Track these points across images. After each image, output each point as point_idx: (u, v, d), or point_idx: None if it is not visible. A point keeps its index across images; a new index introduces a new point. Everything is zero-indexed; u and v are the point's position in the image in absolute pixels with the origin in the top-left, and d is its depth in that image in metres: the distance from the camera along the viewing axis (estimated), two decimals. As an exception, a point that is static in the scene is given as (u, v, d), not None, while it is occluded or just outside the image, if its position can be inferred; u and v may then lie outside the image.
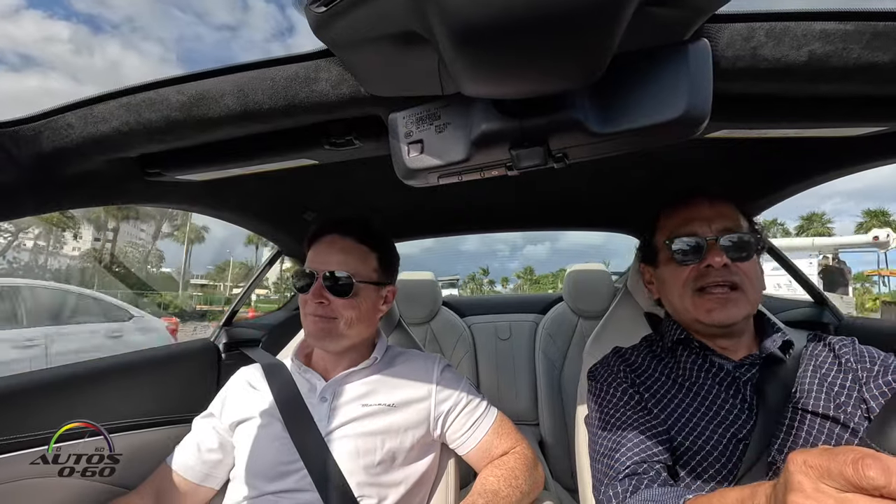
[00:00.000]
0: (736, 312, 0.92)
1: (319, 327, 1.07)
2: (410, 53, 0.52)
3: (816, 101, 0.66)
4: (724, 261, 0.92)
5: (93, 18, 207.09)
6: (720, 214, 0.98)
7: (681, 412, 0.91)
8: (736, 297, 0.93)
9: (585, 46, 0.45)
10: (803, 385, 0.88)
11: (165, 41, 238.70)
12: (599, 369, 1.09)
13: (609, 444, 0.91)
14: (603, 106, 0.57)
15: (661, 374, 1.00)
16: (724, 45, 0.55)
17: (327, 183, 1.29)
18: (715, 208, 0.99)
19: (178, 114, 0.67)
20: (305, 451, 0.99)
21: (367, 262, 1.12)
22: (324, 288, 1.06)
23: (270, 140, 0.76)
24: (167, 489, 1.05)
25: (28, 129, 0.69)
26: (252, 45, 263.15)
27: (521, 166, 0.63)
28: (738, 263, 0.93)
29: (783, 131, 0.74)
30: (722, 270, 0.93)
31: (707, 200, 1.01)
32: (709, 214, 0.98)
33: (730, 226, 0.96)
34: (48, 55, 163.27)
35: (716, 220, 0.97)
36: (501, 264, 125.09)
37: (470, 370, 2.45)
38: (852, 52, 0.54)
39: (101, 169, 0.81)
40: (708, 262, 0.94)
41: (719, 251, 0.93)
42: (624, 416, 0.93)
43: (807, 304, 1.69)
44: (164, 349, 1.49)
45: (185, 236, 54.49)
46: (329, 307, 1.06)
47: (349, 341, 1.11)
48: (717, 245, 0.94)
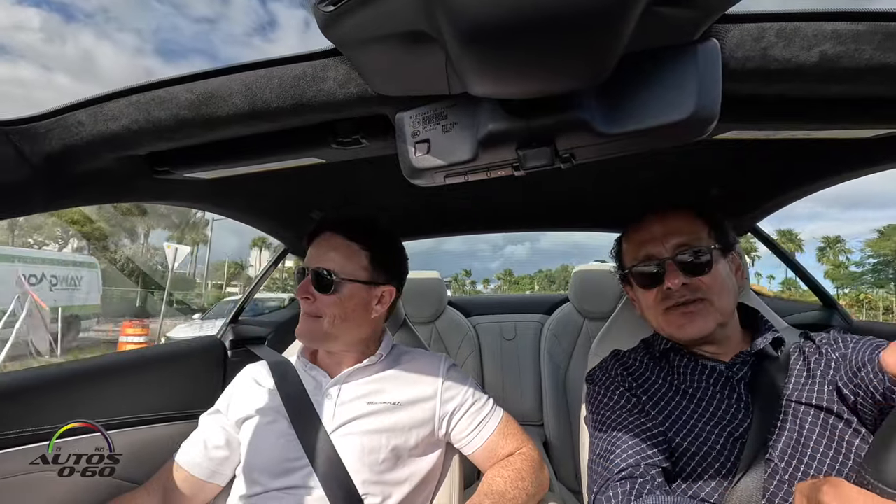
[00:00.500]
0: (704, 325, 0.94)
1: (305, 325, 1.09)
2: (418, 53, 0.52)
3: (827, 102, 0.65)
4: (681, 280, 0.95)
5: (65, 7, 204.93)
6: (672, 231, 0.99)
7: (678, 415, 0.92)
8: (701, 308, 0.94)
9: (593, 46, 0.44)
10: (794, 379, 0.88)
11: (142, 32, 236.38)
12: (597, 373, 1.09)
13: (604, 446, 0.92)
14: (611, 106, 0.57)
15: (657, 377, 1.01)
16: (733, 46, 0.54)
17: (334, 182, 1.30)
18: (666, 225, 1.00)
19: (187, 112, 0.67)
20: (311, 448, 0.99)
21: (354, 259, 1.10)
22: (310, 284, 1.07)
23: (278, 139, 0.77)
24: (174, 485, 1.05)
25: (40, 127, 0.70)
26: (232, 38, 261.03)
27: (527, 166, 0.63)
28: (700, 278, 0.94)
29: (793, 133, 0.74)
30: (682, 290, 0.95)
31: (658, 218, 1.02)
32: (661, 233, 0.99)
33: (684, 241, 0.97)
34: (18, 43, 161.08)
35: (669, 238, 0.98)
36: (483, 264, 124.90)
37: (475, 370, 2.45)
38: (864, 52, 0.53)
39: (111, 166, 0.81)
40: (667, 284, 0.96)
41: (675, 272, 0.95)
42: (619, 418, 0.94)
43: (816, 307, 1.68)
44: (171, 346, 1.50)
45: (209, 242, 56.01)
46: (315, 304, 1.07)
47: (337, 340, 1.11)
48: (673, 265, 0.96)
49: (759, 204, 1.37)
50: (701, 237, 0.97)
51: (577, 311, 2.35)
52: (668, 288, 0.96)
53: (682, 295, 0.95)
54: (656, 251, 0.99)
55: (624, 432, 0.90)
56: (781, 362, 0.91)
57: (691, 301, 0.95)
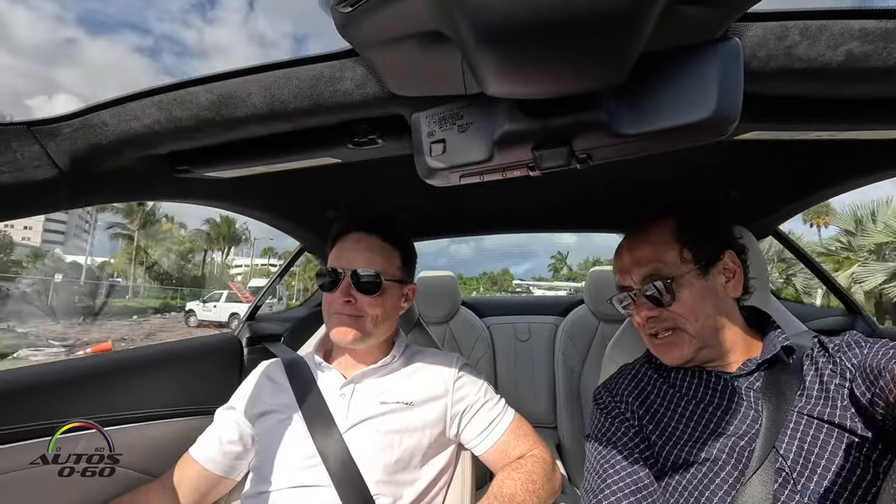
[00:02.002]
0: (679, 353, 0.93)
1: (346, 326, 1.07)
2: (434, 53, 0.52)
3: (855, 102, 0.64)
4: (648, 314, 0.95)
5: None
6: (638, 261, 0.97)
7: (682, 428, 0.90)
8: (674, 339, 0.93)
9: (612, 46, 0.44)
10: (808, 391, 0.85)
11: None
12: (603, 395, 1.08)
13: (597, 483, 0.92)
14: (629, 106, 0.56)
15: (662, 388, 0.99)
16: (755, 45, 0.53)
17: (350, 181, 1.31)
18: (633, 254, 0.99)
19: (207, 112, 0.68)
20: (323, 447, 1.00)
21: (391, 260, 1.13)
22: (351, 286, 1.07)
23: (295, 139, 0.77)
24: (188, 479, 1.07)
25: (66, 126, 0.72)
26: (167, 14, 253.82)
27: (543, 167, 0.62)
28: (667, 309, 0.93)
29: (818, 134, 0.72)
30: (651, 322, 0.95)
31: (626, 247, 1.02)
32: (629, 263, 0.99)
33: (650, 271, 0.95)
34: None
35: (636, 269, 0.97)
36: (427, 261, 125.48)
37: (488, 371, 2.44)
38: (894, 51, 0.51)
39: (133, 165, 0.83)
40: (635, 318, 0.97)
41: (641, 305, 0.95)
42: (615, 460, 0.93)
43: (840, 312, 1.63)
44: (188, 343, 1.53)
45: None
46: (356, 306, 1.07)
47: (375, 339, 1.12)
48: (641, 297, 0.95)
49: (780, 206, 1.34)
50: (667, 262, 0.94)
51: (592, 313, 2.33)
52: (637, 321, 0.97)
53: (652, 326, 0.95)
54: (626, 283, 0.99)
55: (616, 475, 0.91)
56: (793, 371, 0.88)
57: (663, 330, 0.94)
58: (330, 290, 1.09)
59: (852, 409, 0.78)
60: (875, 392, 0.73)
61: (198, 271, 52.08)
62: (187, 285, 45.71)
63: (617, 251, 1.05)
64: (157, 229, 50.88)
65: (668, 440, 0.91)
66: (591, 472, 0.96)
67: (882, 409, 0.72)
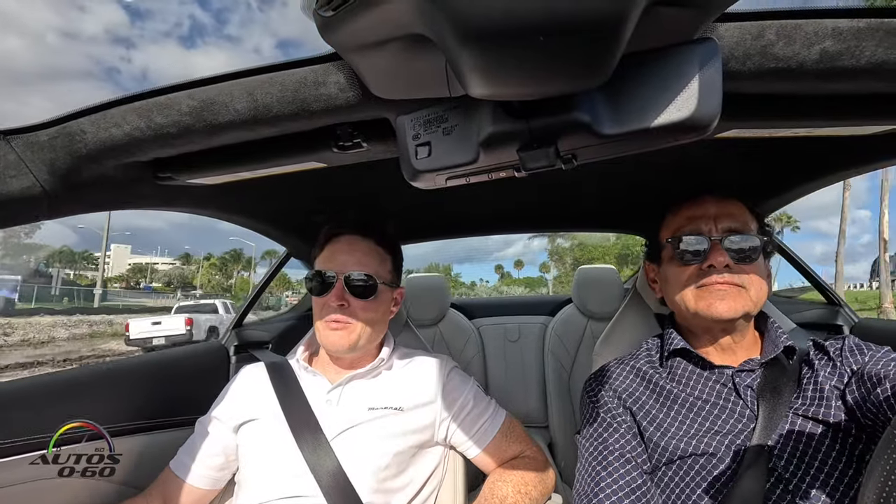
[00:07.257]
0: (734, 305, 0.90)
1: (337, 332, 1.05)
2: (418, 56, 0.52)
3: (829, 99, 0.65)
4: (726, 261, 0.91)
5: None
6: (727, 214, 0.96)
7: (679, 422, 0.90)
8: (736, 292, 0.91)
9: (592, 47, 0.44)
10: (804, 391, 0.86)
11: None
12: (594, 386, 1.07)
13: (591, 485, 0.91)
14: (612, 107, 0.57)
15: (657, 384, 0.99)
16: (733, 44, 0.54)
17: (335, 186, 1.30)
18: (722, 207, 0.98)
19: (189, 118, 0.67)
20: (311, 455, 0.97)
21: (384, 263, 1.12)
22: (345, 289, 1.05)
23: (279, 143, 0.77)
24: (171, 493, 1.04)
25: (43, 134, 0.70)
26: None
27: (528, 168, 0.63)
28: (742, 265, 0.92)
29: (795, 130, 0.73)
30: (724, 271, 0.92)
31: (714, 199, 1.00)
32: (715, 213, 0.97)
33: (736, 226, 0.95)
34: None
35: (722, 220, 0.95)
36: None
37: (479, 372, 2.44)
38: (865, 49, 0.53)
39: (114, 173, 0.82)
40: (710, 262, 0.92)
41: (722, 252, 0.92)
42: (606, 461, 0.92)
43: (821, 304, 1.67)
44: (175, 352, 1.51)
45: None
46: (349, 310, 1.05)
47: (365, 345, 1.10)
48: (720, 246, 0.93)
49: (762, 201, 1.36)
50: (752, 228, 0.96)
51: (581, 311, 2.35)
52: (710, 266, 0.93)
53: (723, 276, 0.92)
54: (706, 228, 0.96)
55: (609, 478, 0.90)
56: (791, 372, 0.89)
57: (731, 284, 0.92)
58: (322, 293, 1.06)
59: (847, 412, 0.79)
60: (871, 401, 0.75)
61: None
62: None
63: (694, 200, 1.02)
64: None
65: (663, 434, 0.91)
66: (583, 475, 0.95)
67: (872, 415, 0.74)
